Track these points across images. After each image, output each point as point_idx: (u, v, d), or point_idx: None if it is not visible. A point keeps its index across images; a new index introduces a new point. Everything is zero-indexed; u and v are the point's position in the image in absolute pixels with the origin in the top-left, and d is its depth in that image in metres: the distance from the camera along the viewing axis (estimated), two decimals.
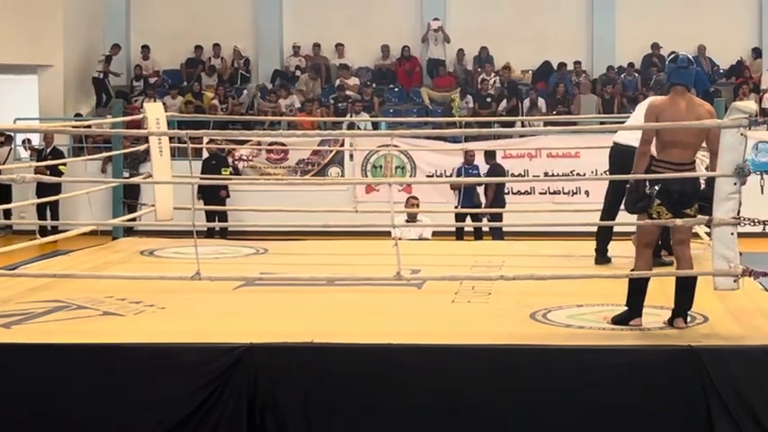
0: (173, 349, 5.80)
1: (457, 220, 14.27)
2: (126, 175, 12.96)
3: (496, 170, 14.86)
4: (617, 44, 21.19)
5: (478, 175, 14.71)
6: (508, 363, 5.63)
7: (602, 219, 8.16)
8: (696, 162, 6.35)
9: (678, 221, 6.00)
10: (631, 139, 7.52)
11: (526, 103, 19.61)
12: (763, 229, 9.23)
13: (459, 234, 14.33)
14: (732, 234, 5.85)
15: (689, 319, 6.12)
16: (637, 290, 6.12)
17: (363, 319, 6.52)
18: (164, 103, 14.84)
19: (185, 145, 7.53)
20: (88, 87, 20.87)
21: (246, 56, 21.62)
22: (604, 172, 16.18)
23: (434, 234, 12.74)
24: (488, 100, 19.84)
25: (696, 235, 8.51)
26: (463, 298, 7.04)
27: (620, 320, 6.14)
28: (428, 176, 17.14)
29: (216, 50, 21.49)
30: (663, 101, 6.22)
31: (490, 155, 15.04)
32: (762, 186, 6.52)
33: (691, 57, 6.40)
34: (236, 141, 15.72)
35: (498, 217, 12.97)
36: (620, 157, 7.65)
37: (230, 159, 17.14)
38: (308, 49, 21.58)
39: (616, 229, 8.22)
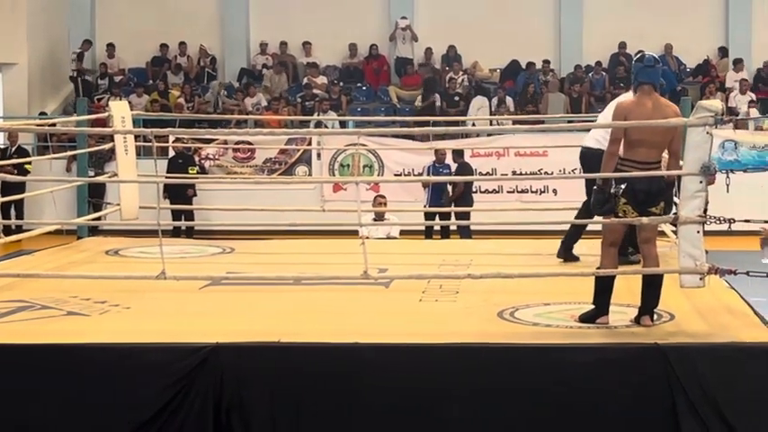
0: (138, 349, 5.75)
1: (426, 219, 14.26)
2: (91, 174, 12.86)
3: (464, 169, 14.90)
4: (584, 43, 21.29)
5: (449, 174, 14.73)
6: (475, 361, 5.62)
7: (577, 216, 8.18)
8: (662, 161, 6.37)
9: (644, 220, 6.02)
10: (600, 141, 7.53)
11: (494, 101, 19.64)
12: (729, 228, 9.29)
13: (429, 233, 14.32)
14: (698, 232, 5.88)
15: (655, 316, 6.14)
16: (603, 288, 6.13)
17: (330, 318, 6.49)
18: (129, 102, 14.76)
19: (151, 144, 7.46)
20: (53, 85, 20.69)
21: (213, 54, 21.53)
22: (572, 171, 16.36)
23: (402, 233, 12.72)
24: (456, 99, 19.86)
25: (662, 233, 8.55)
26: (431, 297, 7.03)
27: (586, 319, 6.15)
28: (396, 175, 17.14)
29: (182, 48, 21.38)
30: (630, 101, 6.24)
31: (458, 153, 15.11)
32: (727, 185, 6.55)
33: (657, 56, 6.43)
34: (202, 140, 15.64)
35: (466, 215, 12.98)
36: (591, 160, 7.65)
37: (197, 158, 17.06)
38: (275, 48, 21.52)
39: (586, 227, 8.23)
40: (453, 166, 15.03)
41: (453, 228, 14.58)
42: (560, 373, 5.56)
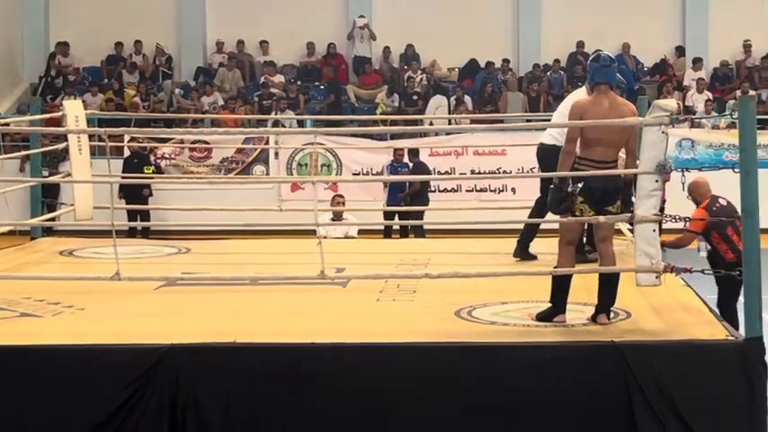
0: (92, 351, 5.70)
1: (385, 219, 14.23)
2: (45, 174, 12.72)
3: (420, 168, 14.88)
4: (543, 42, 21.39)
5: (408, 173, 14.72)
6: (432, 360, 5.61)
7: (531, 215, 8.18)
8: (619, 160, 6.39)
9: (601, 219, 6.03)
10: (556, 138, 7.55)
11: (453, 100, 19.67)
12: (685, 226, 9.37)
13: (388, 232, 14.30)
14: (654, 231, 5.90)
15: (612, 315, 6.16)
16: (560, 287, 6.14)
17: (286, 318, 6.45)
18: (84, 101, 14.62)
19: (106, 143, 7.40)
20: (6, 84, 20.44)
21: (169, 53, 21.38)
22: (531, 169, 16.40)
23: (361, 232, 12.69)
24: (415, 98, 19.86)
25: (619, 232, 8.58)
26: (388, 296, 7.01)
27: (544, 317, 6.15)
28: (354, 174, 17.11)
29: (137, 47, 21.22)
30: (587, 100, 6.26)
31: (413, 153, 15.06)
32: (683, 183, 6.59)
33: (612, 55, 6.46)
34: (158, 139, 15.52)
35: (421, 215, 12.92)
36: (547, 157, 7.66)
37: (153, 158, 16.93)
38: (231, 46, 21.41)
39: (544, 226, 8.24)
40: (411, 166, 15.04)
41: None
42: (517, 371, 5.56)
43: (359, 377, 5.59)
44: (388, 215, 13.45)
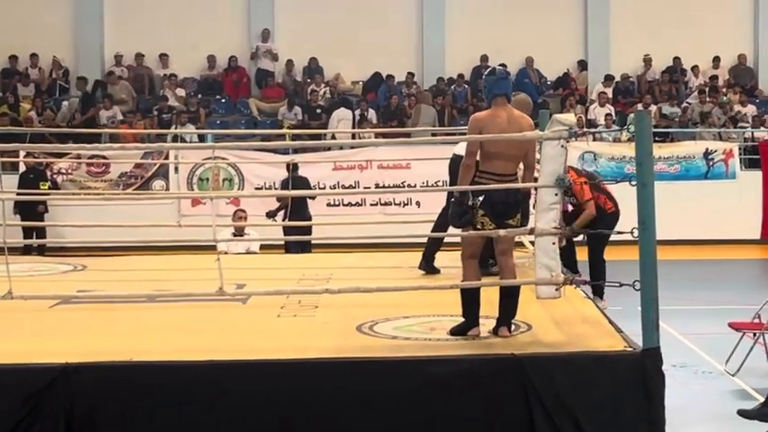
0: None
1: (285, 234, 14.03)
2: None
3: (299, 182, 14.32)
4: (447, 56, 21.57)
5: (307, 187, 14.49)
6: (333, 376, 5.55)
7: (434, 227, 8.20)
8: (518, 173, 6.43)
9: (501, 232, 6.05)
10: None
11: (357, 114, 19.67)
12: (584, 239, 9.51)
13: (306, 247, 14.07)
14: (553, 243, 5.93)
15: (513, 327, 6.18)
16: (470, 300, 6.13)
17: (185, 336, 6.34)
18: None
19: None
20: None
21: (66, 66, 20.97)
22: (435, 183, 16.53)
23: (263, 247, 12.57)
24: (318, 111, 19.82)
25: (521, 244, 8.65)
26: (289, 312, 6.94)
27: (458, 332, 6.14)
28: (257, 189, 16.95)
29: (33, 60, 20.79)
30: (485, 114, 6.27)
31: (293, 167, 14.61)
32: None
33: (508, 69, 6.50)
34: (54, 154, 15.18)
35: (300, 230, 12.58)
36: (458, 168, 7.67)
37: (49, 173, 16.56)
38: (130, 59, 21.11)
39: (448, 239, 8.26)
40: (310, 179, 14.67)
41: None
42: (418, 385, 5.53)
43: (259, 395, 5.50)
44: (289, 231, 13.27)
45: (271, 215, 13.73)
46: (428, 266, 8.36)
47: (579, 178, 9.01)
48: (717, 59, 21.87)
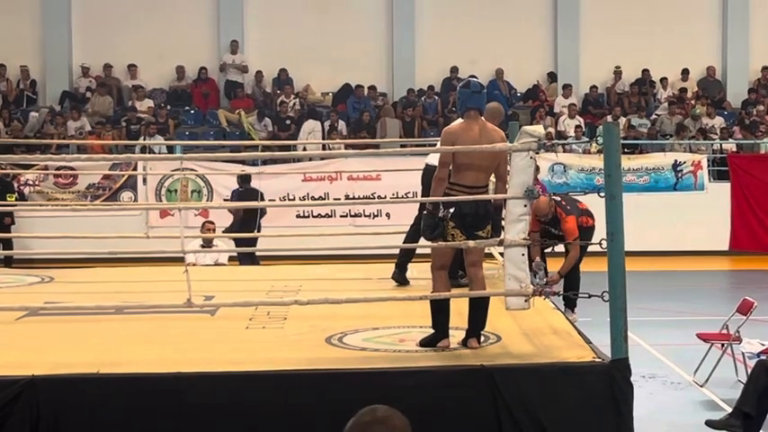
0: None
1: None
2: None
3: (247, 194, 14.04)
4: (417, 68, 21.60)
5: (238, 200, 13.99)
6: (302, 388, 5.52)
7: (406, 237, 8.20)
8: (489, 185, 6.43)
9: (471, 243, 6.05)
10: None
11: (326, 125, 19.64)
12: (553, 250, 9.54)
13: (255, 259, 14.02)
14: (523, 255, 5.94)
15: (482, 338, 6.17)
16: (439, 312, 6.12)
17: (152, 348, 6.29)
18: None
19: None
20: None
21: (33, 77, 20.82)
22: (405, 194, 16.53)
23: (231, 259, 12.50)
24: (288, 122, 19.78)
25: (491, 256, 8.66)
26: (258, 324, 6.90)
27: (427, 343, 6.12)
28: (225, 200, 16.86)
29: (0, 71, 20.59)
30: (458, 126, 6.29)
31: (244, 178, 14.41)
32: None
33: (482, 82, 6.50)
34: (21, 165, 15.07)
35: (249, 242, 12.33)
36: (430, 178, 7.68)
37: (16, 184, 16.42)
38: (98, 70, 20.99)
39: (418, 251, 8.25)
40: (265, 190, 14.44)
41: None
42: (387, 397, 5.47)
43: (228, 407, 5.46)
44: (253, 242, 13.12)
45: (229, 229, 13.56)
46: (400, 277, 8.36)
47: (568, 217, 9.20)
48: (686, 72, 22.05)
